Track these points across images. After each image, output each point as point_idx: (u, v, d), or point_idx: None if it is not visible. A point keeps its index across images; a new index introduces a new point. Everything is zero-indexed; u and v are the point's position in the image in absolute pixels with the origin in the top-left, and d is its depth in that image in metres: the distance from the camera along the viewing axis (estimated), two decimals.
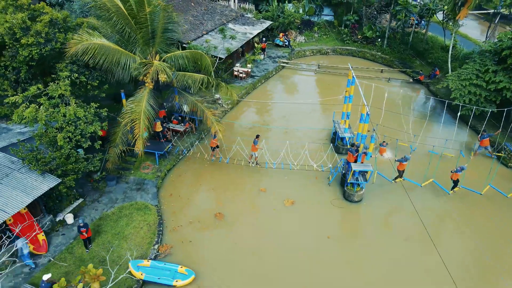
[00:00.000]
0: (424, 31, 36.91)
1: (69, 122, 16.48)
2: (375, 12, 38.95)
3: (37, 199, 16.03)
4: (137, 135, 17.25)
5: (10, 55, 16.74)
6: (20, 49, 16.11)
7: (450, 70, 28.48)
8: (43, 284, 13.18)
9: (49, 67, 17.78)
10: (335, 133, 22.78)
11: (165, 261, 15.52)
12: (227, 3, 41.67)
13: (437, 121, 25.03)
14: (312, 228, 17.57)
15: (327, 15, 45.78)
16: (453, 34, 29.38)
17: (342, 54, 38.30)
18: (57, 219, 17.01)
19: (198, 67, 21.10)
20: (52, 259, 15.34)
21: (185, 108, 24.18)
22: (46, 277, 13.24)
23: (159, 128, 21.02)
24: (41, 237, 15.78)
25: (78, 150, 19.73)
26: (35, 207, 16.14)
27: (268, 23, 37.25)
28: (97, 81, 18.18)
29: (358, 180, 18.45)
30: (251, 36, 33.73)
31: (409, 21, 36.00)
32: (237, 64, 32.78)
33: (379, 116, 21.98)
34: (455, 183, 18.85)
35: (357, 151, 18.40)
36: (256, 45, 35.23)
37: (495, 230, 17.63)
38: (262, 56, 35.32)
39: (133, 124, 17.39)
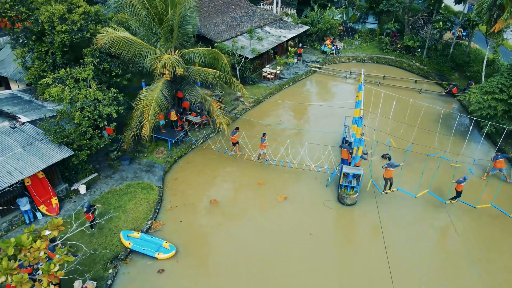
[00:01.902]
0: (467, 42, 35.30)
1: (89, 103, 18.67)
2: (422, 22, 37.93)
3: (55, 169, 18.43)
4: (146, 120, 18.98)
5: (48, 41, 19.36)
6: (56, 35, 18.63)
7: None
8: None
9: (80, 53, 20.19)
10: (344, 137, 22.96)
11: (153, 235, 17.01)
12: (270, 7, 42.97)
13: (463, 137, 23.84)
14: (296, 223, 18.12)
15: (371, 23, 45.36)
16: (489, 46, 27.98)
17: (378, 63, 37.80)
18: (72, 188, 19.26)
19: (216, 65, 22.48)
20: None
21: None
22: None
23: (173, 117, 22.73)
24: (54, 201, 18.05)
25: (103, 131, 22.19)
26: (52, 175, 18.50)
27: (305, 28, 37.91)
28: (119, 69, 20.29)
29: (351, 183, 18.60)
30: (285, 39, 34.65)
31: (456, 32, 34.66)
32: (267, 66, 33.84)
33: (388, 124, 21.83)
34: (458, 194, 18.20)
35: (351, 152, 18.62)
36: (290, 48, 36.03)
37: (484, 242, 16.89)
38: (295, 60, 36.04)
39: (144, 109, 19.17)
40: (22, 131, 18.16)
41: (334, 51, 38.14)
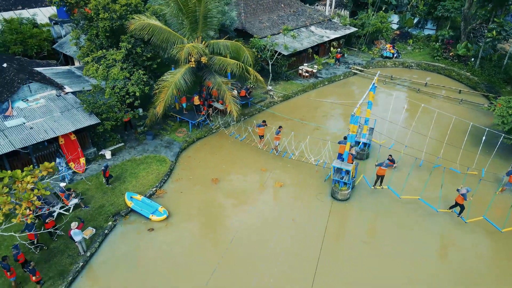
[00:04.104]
0: None
1: (120, 81, 21.53)
2: (481, 30, 35.72)
3: (86, 134, 21.63)
4: (162, 99, 21.32)
5: (94, 26, 22.65)
6: (99, 21, 21.80)
7: None
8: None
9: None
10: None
11: (153, 200, 19.27)
12: (324, 8, 43.49)
13: (490, 153, 22.54)
14: (283, 208, 19.19)
15: (430, 28, 43.53)
16: None
17: (426, 70, 36.45)
18: (99, 153, 22.36)
19: (238, 57, 24.16)
20: (83, 178, 20.58)
21: (234, 92, 27.69)
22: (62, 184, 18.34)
23: (196, 101, 24.91)
24: (82, 160, 21.24)
25: (139, 109, 25.22)
26: (84, 139, 21.73)
27: (352, 29, 37.90)
28: (150, 54, 22.96)
29: (343, 179, 19.05)
30: (327, 39, 35.13)
31: None
32: (305, 64, 34.63)
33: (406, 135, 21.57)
34: (461, 207, 17.68)
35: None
36: (332, 49, 36.37)
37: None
38: (345, 55, 36.26)
39: (162, 89, 21.55)
40: (64, 99, 21.62)
41: (396, 56, 37.51)
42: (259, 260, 16.26)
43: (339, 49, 36.29)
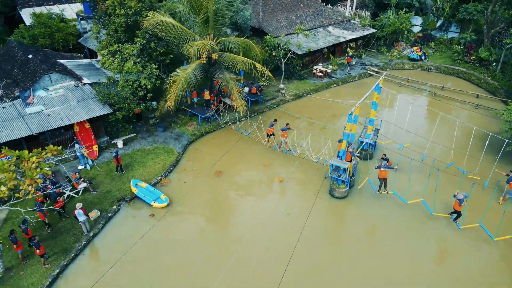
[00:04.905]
0: None
1: (134, 74, 22.66)
2: (507, 33, 34.66)
3: (100, 123, 22.90)
4: (172, 93, 22.27)
5: (112, 21, 23.92)
6: (116, 17, 23.03)
7: None
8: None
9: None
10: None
11: (156, 188, 20.23)
12: (344, 9, 43.43)
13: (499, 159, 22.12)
14: (279, 201, 19.77)
15: (453, 31, 42.57)
16: None
17: (445, 73, 35.82)
18: (112, 142, 23.60)
19: (248, 54, 24.81)
20: (95, 164, 21.83)
21: (246, 89, 28.40)
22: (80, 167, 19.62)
23: (207, 96, 25.76)
24: (95, 148, 22.52)
25: (153, 102, 26.39)
26: (98, 128, 23.02)
27: (371, 30, 37.74)
28: (163, 49, 23.99)
29: (341, 177, 19.30)
30: (343, 40, 35.18)
31: None
32: (320, 64, 34.82)
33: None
34: (458, 213, 17.56)
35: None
36: (348, 50, 36.36)
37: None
38: (354, 62, 36.24)
39: (173, 83, 22.50)
40: (81, 90, 22.98)
41: (423, 58, 37.14)
42: (250, 246, 16.87)
43: (350, 53, 36.19)
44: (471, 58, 35.40)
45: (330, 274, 15.78)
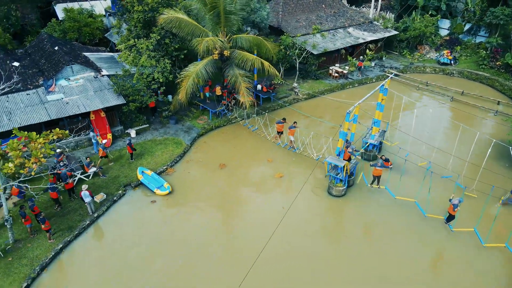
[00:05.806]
0: None
1: (149, 68, 23.81)
2: None
3: (114, 113, 24.23)
4: (183, 87, 23.20)
5: (131, 17, 25.19)
6: (134, 13, 24.27)
7: None
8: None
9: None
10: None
11: (161, 176, 21.23)
12: (368, 10, 43.04)
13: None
14: (276, 195, 20.31)
15: (482, 36, 41.18)
16: None
17: (468, 78, 34.82)
18: (126, 131, 24.89)
19: (260, 51, 25.38)
20: (108, 152, 23.14)
21: (259, 87, 28.99)
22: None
23: (218, 92, 26.56)
24: (109, 136, 23.85)
25: (169, 96, 27.56)
26: (113, 117, 24.36)
27: (392, 32, 37.27)
28: (177, 45, 25.00)
29: (338, 175, 19.49)
30: (362, 41, 34.99)
31: None
32: (337, 64, 34.79)
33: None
34: (451, 217, 17.39)
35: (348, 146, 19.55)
36: (368, 51, 36.09)
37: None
38: (373, 64, 35.95)
39: (184, 78, 23.43)
40: (100, 81, 24.40)
41: (453, 62, 36.44)
42: (245, 232, 17.50)
43: (361, 56, 35.81)
44: (497, 63, 34.23)
45: (323, 272, 16.11)
